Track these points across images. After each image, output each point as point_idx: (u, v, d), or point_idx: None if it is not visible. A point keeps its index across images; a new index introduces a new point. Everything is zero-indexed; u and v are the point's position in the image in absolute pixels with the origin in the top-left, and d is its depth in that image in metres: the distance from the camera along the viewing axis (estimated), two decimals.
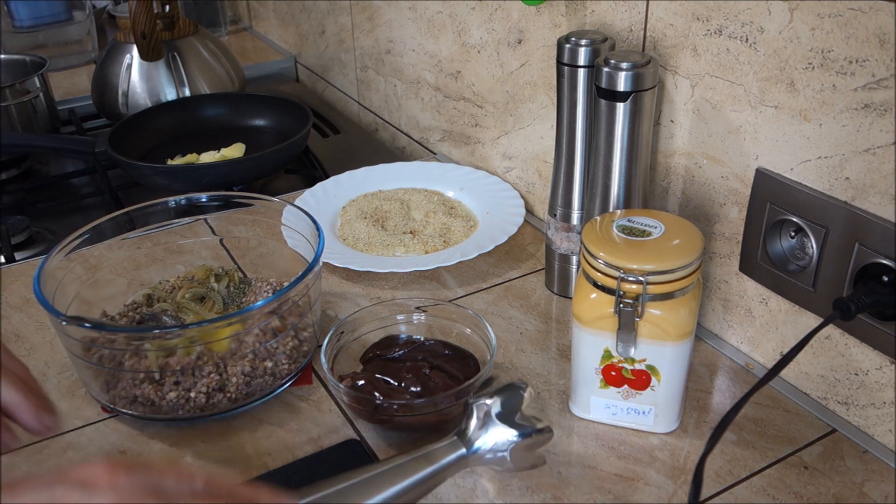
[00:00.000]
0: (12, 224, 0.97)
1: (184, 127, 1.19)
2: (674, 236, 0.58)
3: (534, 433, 0.55)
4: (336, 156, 1.20)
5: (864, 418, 0.62)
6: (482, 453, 0.55)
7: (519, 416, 0.55)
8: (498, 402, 0.56)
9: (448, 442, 0.55)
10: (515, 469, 0.56)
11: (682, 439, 0.62)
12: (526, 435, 0.55)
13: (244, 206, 0.79)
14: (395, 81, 1.21)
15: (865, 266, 0.57)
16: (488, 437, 0.55)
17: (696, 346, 0.72)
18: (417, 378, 0.62)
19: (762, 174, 0.63)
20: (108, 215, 0.74)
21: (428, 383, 0.62)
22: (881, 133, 0.54)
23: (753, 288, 0.68)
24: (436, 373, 0.63)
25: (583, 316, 0.59)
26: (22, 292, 0.84)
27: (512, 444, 0.55)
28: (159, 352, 0.63)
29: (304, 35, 1.52)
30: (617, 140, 0.67)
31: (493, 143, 1.00)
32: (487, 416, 0.55)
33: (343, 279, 0.84)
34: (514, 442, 0.55)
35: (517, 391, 0.57)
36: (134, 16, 1.12)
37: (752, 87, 0.63)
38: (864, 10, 0.53)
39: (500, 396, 0.56)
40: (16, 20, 1.59)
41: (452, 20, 1.00)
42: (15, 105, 1.16)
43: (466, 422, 0.56)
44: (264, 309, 0.64)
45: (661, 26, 0.69)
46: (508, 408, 0.55)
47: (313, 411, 0.66)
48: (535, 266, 0.86)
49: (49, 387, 0.70)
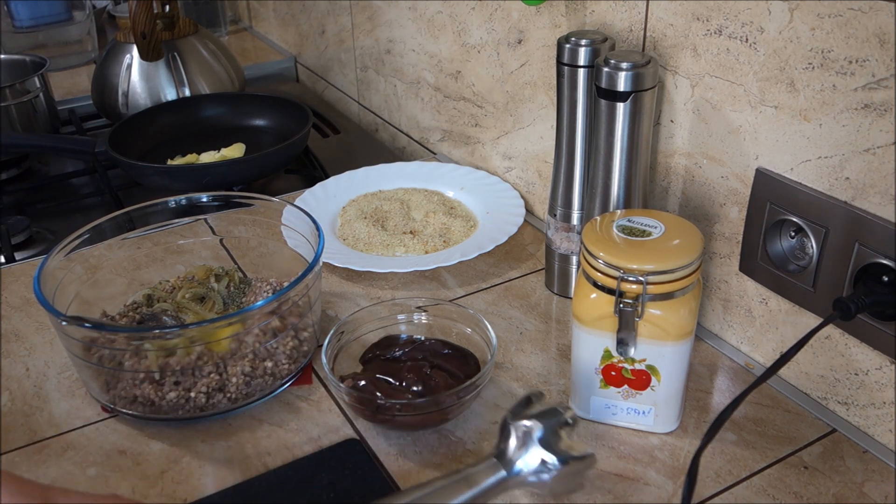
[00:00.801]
0: (12, 224, 0.97)
1: (184, 127, 1.19)
2: (674, 236, 0.58)
3: (576, 460, 0.53)
4: (336, 156, 1.20)
5: (864, 418, 0.62)
6: (523, 476, 0.52)
7: (561, 441, 0.53)
8: (539, 425, 0.53)
9: (487, 464, 0.53)
10: (553, 493, 0.54)
11: (682, 439, 0.62)
12: (569, 461, 0.52)
13: (244, 206, 0.79)
14: (395, 81, 1.21)
15: (865, 266, 0.57)
16: (529, 459, 0.52)
17: (696, 346, 0.72)
18: (418, 377, 0.62)
19: (762, 174, 0.63)
20: (108, 215, 0.74)
21: (429, 382, 0.62)
22: (881, 133, 0.54)
23: (753, 288, 0.68)
24: (437, 372, 0.63)
25: (583, 316, 0.59)
26: (22, 292, 0.84)
27: (554, 470, 0.52)
28: (159, 352, 0.63)
29: (304, 35, 1.52)
30: (617, 140, 0.67)
31: (493, 143, 1.00)
32: (528, 438, 0.53)
33: (343, 279, 0.84)
34: (556, 467, 0.52)
35: (559, 416, 0.54)
36: (134, 16, 1.12)
37: (752, 87, 0.63)
38: (864, 10, 0.53)
39: (542, 420, 0.53)
40: (16, 20, 1.59)
41: (452, 20, 1.00)
42: (15, 105, 1.16)
43: (505, 443, 0.53)
44: (264, 309, 0.64)
45: (661, 26, 0.69)
46: (550, 431, 0.53)
47: (313, 411, 0.66)
48: (535, 266, 0.86)
49: (49, 387, 0.70)
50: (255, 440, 0.63)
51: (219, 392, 0.63)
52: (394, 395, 0.61)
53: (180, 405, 0.63)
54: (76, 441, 0.64)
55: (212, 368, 0.63)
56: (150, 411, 0.63)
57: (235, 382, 0.64)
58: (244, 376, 0.64)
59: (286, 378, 0.67)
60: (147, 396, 0.62)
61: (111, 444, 0.63)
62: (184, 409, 0.63)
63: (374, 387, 0.61)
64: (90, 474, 0.60)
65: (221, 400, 0.64)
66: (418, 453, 0.61)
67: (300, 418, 0.65)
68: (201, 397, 0.63)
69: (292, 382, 0.69)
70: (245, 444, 0.63)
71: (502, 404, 0.66)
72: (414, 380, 0.62)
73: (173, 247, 0.79)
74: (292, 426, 0.65)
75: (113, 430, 0.65)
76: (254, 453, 0.62)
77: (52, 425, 0.65)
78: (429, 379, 0.62)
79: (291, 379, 0.68)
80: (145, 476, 0.60)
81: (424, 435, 0.63)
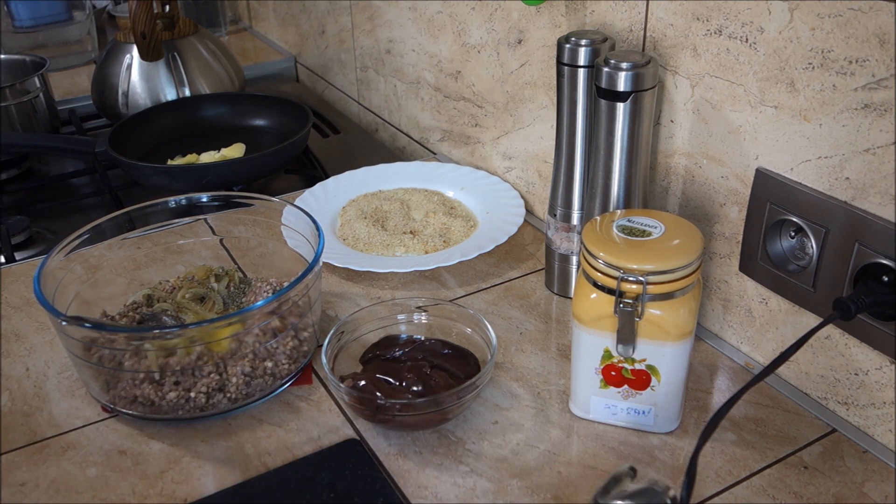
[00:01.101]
0: (12, 224, 0.97)
1: (184, 127, 1.19)
2: (674, 236, 0.58)
3: None
4: (336, 156, 1.20)
5: (864, 418, 0.62)
6: None
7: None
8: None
9: None
10: None
11: (682, 439, 0.62)
12: None
13: (244, 206, 0.79)
14: (395, 81, 1.21)
15: (865, 266, 0.57)
16: None
17: (696, 346, 0.72)
18: (418, 377, 0.62)
19: (762, 174, 0.63)
20: (108, 215, 0.74)
21: (429, 382, 0.62)
22: (881, 133, 0.54)
23: (753, 288, 0.68)
24: (436, 372, 0.63)
25: (583, 316, 0.59)
26: (22, 292, 0.84)
27: None
28: (159, 352, 0.63)
29: (304, 35, 1.52)
30: (617, 140, 0.67)
31: (493, 143, 1.00)
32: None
33: (343, 279, 0.84)
34: None
35: (657, 496, 0.48)
36: (134, 16, 1.12)
37: (752, 87, 0.63)
38: (864, 10, 0.53)
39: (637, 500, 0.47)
40: (16, 20, 1.59)
41: (452, 20, 1.00)
42: (15, 105, 1.16)
43: None
44: (264, 309, 0.64)
45: (661, 26, 0.69)
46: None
47: (313, 411, 0.66)
48: (535, 266, 0.86)
49: (49, 387, 0.70)
50: (255, 440, 0.63)
51: (219, 392, 0.63)
52: (394, 396, 0.61)
53: (180, 405, 0.63)
54: (76, 441, 0.64)
55: (212, 368, 0.63)
56: (150, 411, 0.63)
57: (235, 382, 0.64)
58: (244, 376, 0.64)
59: (286, 378, 0.67)
60: (147, 396, 0.62)
61: (111, 444, 0.63)
62: (184, 409, 0.63)
63: (374, 386, 0.62)
64: (90, 474, 0.60)
65: (221, 400, 0.64)
66: (418, 453, 0.61)
67: (300, 418, 0.65)
68: (201, 397, 0.63)
69: (292, 382, 0.69)
70: (245, 444, 0.63)
71: (502, 404, 0.66)
72: (414, 380, 0.62)
73: (173, 247, 0.79)
74: (292, 426, 0.65)
75: (113, 431, 0.65)
76: (254, 453, 0.62)
77: (52, 425, 0.65)
78: (429, 379, 0.62)
79: (291, 379, 0.68)
80: (145, 476, 0.60)
81: (424, 435, 0.63)
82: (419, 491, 0.58)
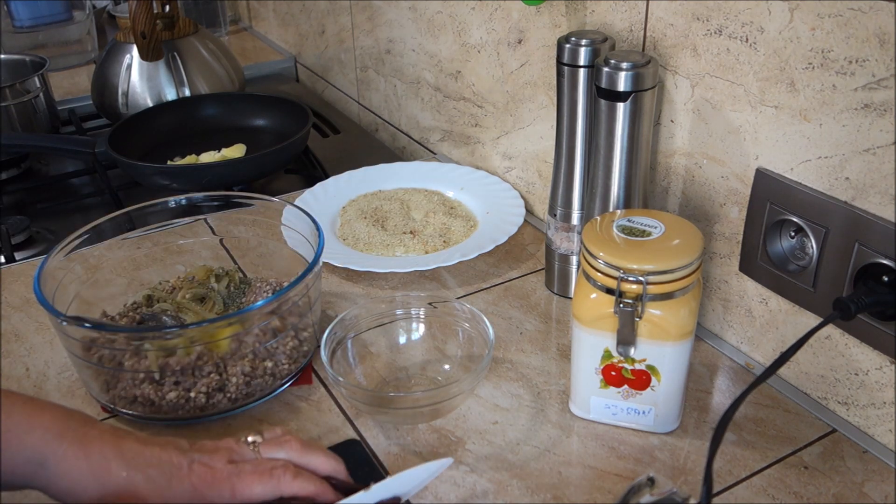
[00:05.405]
0: (12, 224, 0.97)
1: (184, 127, 1.19)
2: (674, 236, 0.58)
3: None
4: (336, 156, 1.20)
5: (864, 418, 0.62)
6: None
7: None
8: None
9: None
10: None
11: (682, 439, 0.62)
12: None
13: (244, 206, 0.79)
14: (395, 81, 1.21)
15: (865, 266, 0.57)
16: None
17: (696, 346, 0.72)
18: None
19: (762, 174, 0.63)
20: (108, 215, 0.74)
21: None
22: (881, 133, 0.54)
23: (753, 288, 0.68)
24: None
25: (583, 316, 0.59)
26: (22, 292, 0.84)
27: None
28: (159, 352, 0.63)
29: (304, 35, 1.52)
30: (617, 140, 0.67)
31: (493, 143, 1.00)
32: None
33: (343, 279, 0.84)
34: None
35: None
36: (134, 16, 1.12)
37: (752, 87, 0.63)
38: (864, 10, 0.53)
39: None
40: (16, 20, 1.59)
41: (452, 20, 1.00)
42: (15, 105, 1.16)
43: None
44: (264, 309, 0.64)
45: (661, 26, 0.69)
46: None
47: (313, 411, 0.66)
48: (535, 266, 0.86)
49: (49, 387, 0.70)
50: None
51: (219, 392, 0.63)
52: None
53: (180, 405, 0.63)
54: None
55: (212, 368, 0.63)
56: (150, 411, 0.63)
57: (235, 382, 0.64)
58: (244, 376, 0.64)
59: (286, 378, 0.67)
60: (147, 396, 0.62)
61: None
62: (184, 410, 0.63)
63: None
64: None
65: (221, 400, 0.64)
66: (418, 453, 0.61)
67: (300, 418, 0.65)
68: (201, 397, 0.63)
69: (292, 382, 0.69)
70: None
71: (502, 404, 0.66)
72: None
73: (173, 247, 0.79)
74: (292, 426, 0.64)
75: None
76: None
77: None
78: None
79: (291, 379, 0.68)
80: None
81: (424, 435, 0.63)
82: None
